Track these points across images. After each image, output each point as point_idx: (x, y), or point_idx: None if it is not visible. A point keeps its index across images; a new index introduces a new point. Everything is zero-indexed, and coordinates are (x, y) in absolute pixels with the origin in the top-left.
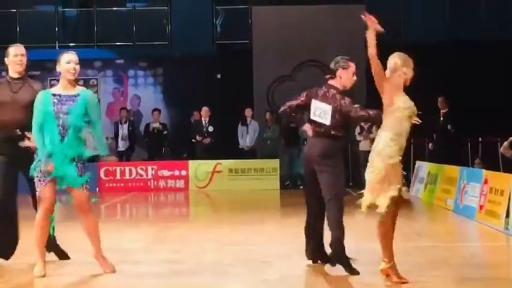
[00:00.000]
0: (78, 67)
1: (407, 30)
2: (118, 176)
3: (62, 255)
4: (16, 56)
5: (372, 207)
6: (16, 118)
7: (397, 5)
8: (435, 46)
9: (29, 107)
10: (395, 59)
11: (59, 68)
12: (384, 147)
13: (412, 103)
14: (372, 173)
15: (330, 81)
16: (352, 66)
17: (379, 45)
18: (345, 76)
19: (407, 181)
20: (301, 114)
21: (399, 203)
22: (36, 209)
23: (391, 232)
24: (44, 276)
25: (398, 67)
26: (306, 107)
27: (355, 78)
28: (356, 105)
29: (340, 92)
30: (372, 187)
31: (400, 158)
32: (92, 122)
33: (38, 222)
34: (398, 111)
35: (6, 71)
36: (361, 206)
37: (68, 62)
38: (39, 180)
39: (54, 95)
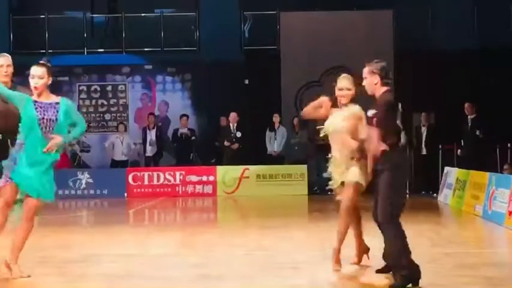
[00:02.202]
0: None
1: (435, 36)
2: (146, 182)
3: None
4: (1, 66)
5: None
6: (10, 126)
7: (424, 11)
8: (462, 52)
9: None
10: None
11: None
12: None
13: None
14: None
15: None
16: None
17: (407, 51)
18: None
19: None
20: None
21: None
22: None
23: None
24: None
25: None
26: None
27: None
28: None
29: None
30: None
31: None
32: (76, 122)
33: None
34: None
35: None
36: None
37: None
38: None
39: (35, 101)
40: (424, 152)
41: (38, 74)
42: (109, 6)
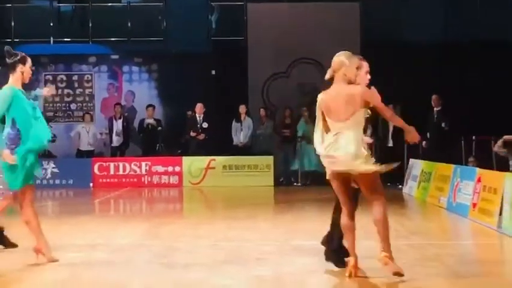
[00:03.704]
0: None
1: (402, 29)
2: (112, 172)
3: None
4: None
5: None
6: None
7: (390, 4)
8: (429, 44)
9: None
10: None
11: None
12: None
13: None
14: None
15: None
16: (365, 65)
17: (374, 44)
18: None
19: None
20: None
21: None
22: None
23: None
24: None
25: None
26: None
27: (368, 77)
28: None
29: None
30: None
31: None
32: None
33: None
34: None
35: None
36: None
37: None
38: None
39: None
40: (390, 143)
41: None
42: None
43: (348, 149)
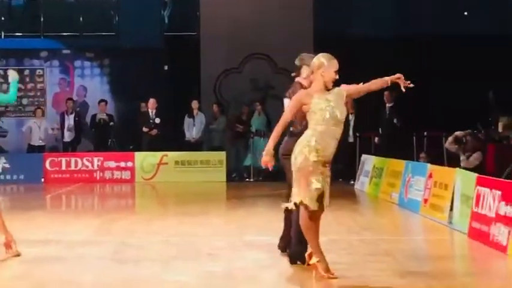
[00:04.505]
0: None
1: (354, 24)
2: (63, 167)
3: None
4: None
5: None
6: None
7: (343, 0)
8: (381, 40)
9: None
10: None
11: None
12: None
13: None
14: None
15: (297, 79)
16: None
17: (327, 39)
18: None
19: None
20: None
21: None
22: None
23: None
24: None
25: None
26: None
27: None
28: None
29: (302, 87)
30: None
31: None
32: None
33: None
34: None
35: None
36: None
37: None
38: None
39: None
40: (351, 139)
41: None
42: None
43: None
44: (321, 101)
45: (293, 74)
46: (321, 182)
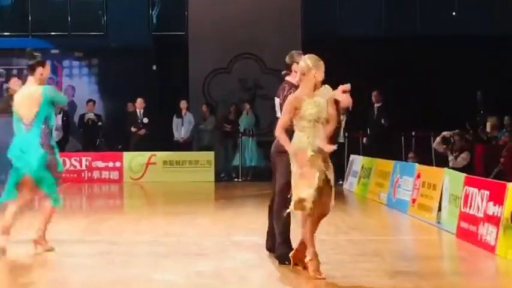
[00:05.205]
0: None
1: (343, 24)
2: None
3: None
4: None
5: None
6: None
7: (332, 1)
8: (370, 41)
9: None
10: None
11: None
12: None
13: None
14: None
15: (287, 77)
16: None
17: (315, 39)
18: None
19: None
20: None
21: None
22: None
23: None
24: None
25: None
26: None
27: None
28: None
29: (292, 86)
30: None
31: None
32: None
33: None
34: None
35: None
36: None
37: None
38: None
39: None
40: (341, 140)
41: None
42: None
43: None
44: (310, 106)
45: (283, 72)
46: (319, 179)
